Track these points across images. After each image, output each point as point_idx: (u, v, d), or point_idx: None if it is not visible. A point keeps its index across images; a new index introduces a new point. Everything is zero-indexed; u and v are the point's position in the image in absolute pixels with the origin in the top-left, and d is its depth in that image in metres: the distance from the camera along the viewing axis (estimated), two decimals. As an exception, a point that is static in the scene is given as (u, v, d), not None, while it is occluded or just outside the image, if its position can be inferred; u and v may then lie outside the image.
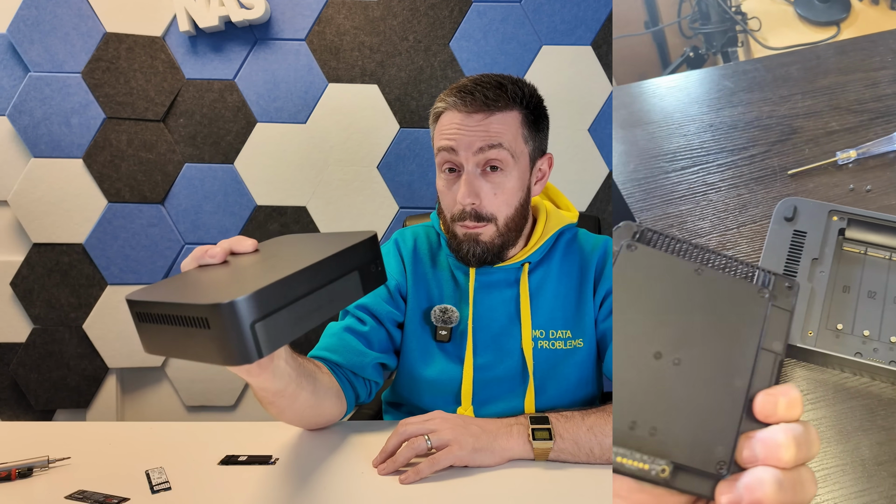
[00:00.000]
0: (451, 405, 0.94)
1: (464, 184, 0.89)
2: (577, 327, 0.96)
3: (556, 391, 0.95)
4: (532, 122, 0.93)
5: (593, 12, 1.81)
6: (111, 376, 1.83)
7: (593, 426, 0.79)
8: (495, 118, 0.89)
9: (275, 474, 0.75)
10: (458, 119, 0.90)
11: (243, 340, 0.47)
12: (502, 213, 0.92)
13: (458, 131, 0.89)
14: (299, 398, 0.78)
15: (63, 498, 0.68)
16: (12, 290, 1.78)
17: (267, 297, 0.48)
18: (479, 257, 0.93)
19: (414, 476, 0.72)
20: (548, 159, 0.99)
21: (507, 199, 0.91)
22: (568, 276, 0.99)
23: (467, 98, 0.89)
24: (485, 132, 0.89)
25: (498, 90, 0.90)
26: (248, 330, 0.46)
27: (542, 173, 0.98)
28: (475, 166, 0.90)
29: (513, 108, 0.91)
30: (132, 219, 1.79)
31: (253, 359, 0.47)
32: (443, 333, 0.96)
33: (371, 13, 1.80)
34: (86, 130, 1.76)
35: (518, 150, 0.91)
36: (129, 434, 0.90)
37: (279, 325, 0.49)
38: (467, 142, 0.89)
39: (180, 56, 1.78)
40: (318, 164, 1.82)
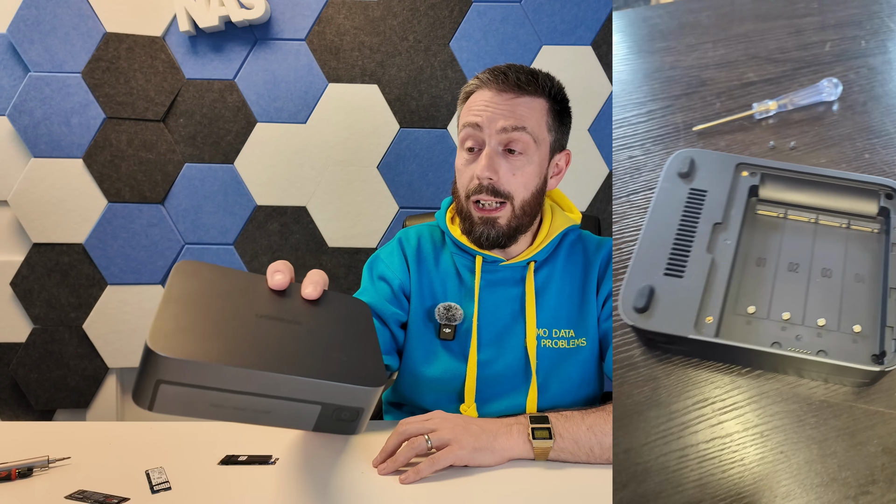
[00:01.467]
0: (453, 403, 0.95)
1: (484, 157, 0.90)
2: (580, 327, 0.97)
3: (558, 390, 0.95)
4: (557, 113, 0.95)
5: (593, 12, 1.81)
6: (111, 376, 1.83)
7: (593, 425, 0.79)
8: (523, 101, 0.91)
9: (275, 474, 0.75)
10: (488, 97, 0.91)
11: (142, 387, 0.46)
12: (519, 194, 0.92)
13: (486, 108, 0.91)
14: None
15: (63, 498, 0.68)
16: (12, 290, 1.78)
17: (191, 371, 0.46)
18: (493, 241, 0.93)
19: (414, 476, 0.72)
20: (566, 156, 1.00)
21: (525, 181, 0.92)
22: (572, 275, 0.99)
23: (500, 77, 0.91)
24: (511, 112, 0.90)
25: (530, 76, 0.92)
26: (151, 382, 0.46)
27: (558, 168, 0.99)
28: (497, 144, 0.91)
29: (541, 95, 0.93)
30: (132, 219, 1.79)
31: (143, 406, 0.47)
32: (447, 331, 0.96)
33: (371, 13, 1.80)
34: (86, 130, 1.76)
35: (541, 137, 0.92)
36: (129, 434, 0.90)
37: (187, 397, 0.47)
38: (493, 118, 0.90)
39: (180, 56, 1.78)
40: (318, 164, 1.82)
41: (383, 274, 1.00)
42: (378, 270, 1.01)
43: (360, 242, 1.83)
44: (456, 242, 0.99)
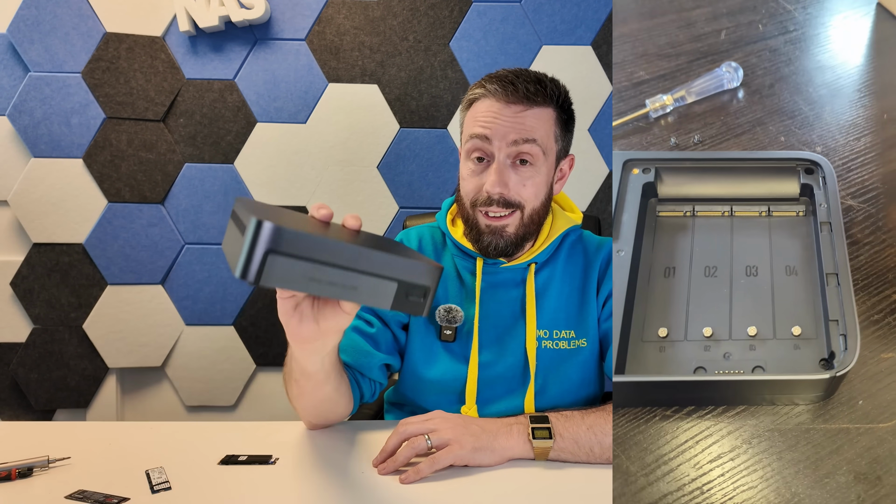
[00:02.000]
0: (454, 405, 0.95)
1: (494, 172, 0.89)
2: (580, 327, 0.96)
3: (558, 390, 0.95)
4: (564, 122, 0.95)
5: (593, 12, 1.81)
6: (111, 376, 1.83)
7: (593, 425, 0.79)
8: (532, 112, 0.90)
9: (275, 474, 0.75)
10: (496, 108, 0.89)
11: (251, 259, 0.49)
12: (530, 203, 0.92)
13: (495, 120, 0.89)
14: (323, 388, 0.80)
15: (63, 498, 0.68)
16: (12, 290, 1.78)
17: (297, 241, 0.50)
18: (500, 250, 0.93)
19: (414, 476, 0.72)
20: (569, 160, 1.00)
21: (535, 191, 0.92)
22: (572, 276, 0.99)
23: (509, 88, 0.89)
24: (521, 125, 0.89)
25: (538, 85, 0.90)
26: (260, 253, 0.48)
27: (562, 173, 0.99)
28: (506, 157, 0.90)
29: (549, 104, 0.92)
30: (132, 219, 1.79)
31: (249, 279, 0.49)
32: (447, 333, 0.96)
33: (371, 13, 1.80)
34: (86, 130, 1.76)
35: (549, 148, 0.92)
36: (129, 434, 0.90)
37: (290, 269, 0.50)
38: (503, 132, 0.89)
39: (180, 56, 1.77)
40: (318, 164, 1.82)
41: (384, 274, 1.00)
42: (379, 271, 1.01)
43: (360, 242, 1.83)
44: (457, 244, 0.99)
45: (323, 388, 0.80)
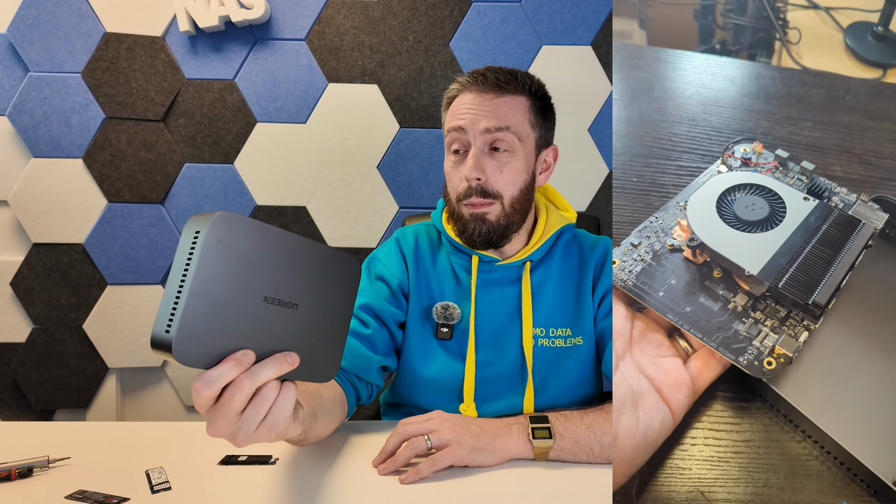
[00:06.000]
0: (452, 403, 0.95)
1: (470, 158, 0.92)
2: (576, 325, 0.97)
3: (556, 389, 0.95)
4: (539, 110, 0.97)
5: (593, 12, 1.81)
6: (111, 376, 1.83)
7: (592, 425, 0.79)
8: (504, 100, 0.93)
9: (275, 474, 0.75)
10: (469, 99, 0.93)
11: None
12: (508, 191, 0.93)
13: (469, 110, 0.92)
14: (316, 428, 0.77)
15: (63, 498, 0.68)
16: (12, 290, 1.78)
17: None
18: (484, 237, 0.93)
19: (414, 476, 0.72)
20: (553, 151, 1.01)
21: (512, 178, 0.93)
22: (567, 274, 0.99)
23: (479, 79, 0.94)
24: (493, 113, 0.92)
25: (509, 75, 0.94)
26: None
27: (546, 164, 1.00)
28: (483, 144, 0.92)
29: (521, 93, 0.95)
30: (132, 219, 1.79)
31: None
32: (444, 331, 0.96)
33: (371, 13, 1.80)
34: (86, 130, 1.76)
35: (524, 134, 0.94)
36: (129, 434, 0.90)
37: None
38: (476, 119, 0.92)
39: (180, 56, 1.78)
40: (318, 164, 1.82)
41: (381, 274, 1.00)
42: (376, 270, 1.01)
43: (360, 242, 1.83)
44: (452, 242, 0.99)
45: (317, 424, 0.77)
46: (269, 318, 0.55)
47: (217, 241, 0.51)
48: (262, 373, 0.53)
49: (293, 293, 0.57)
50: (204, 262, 0.50)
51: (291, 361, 0.55)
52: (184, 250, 0.51)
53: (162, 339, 0.49)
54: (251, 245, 0.54)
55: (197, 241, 0.51)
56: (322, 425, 0.80)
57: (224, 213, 0.51)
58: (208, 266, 0.51)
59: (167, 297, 0.50)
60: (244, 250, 0.53)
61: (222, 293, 0.52)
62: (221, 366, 0.52)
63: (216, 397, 0.53)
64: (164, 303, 0.50)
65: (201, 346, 0.51)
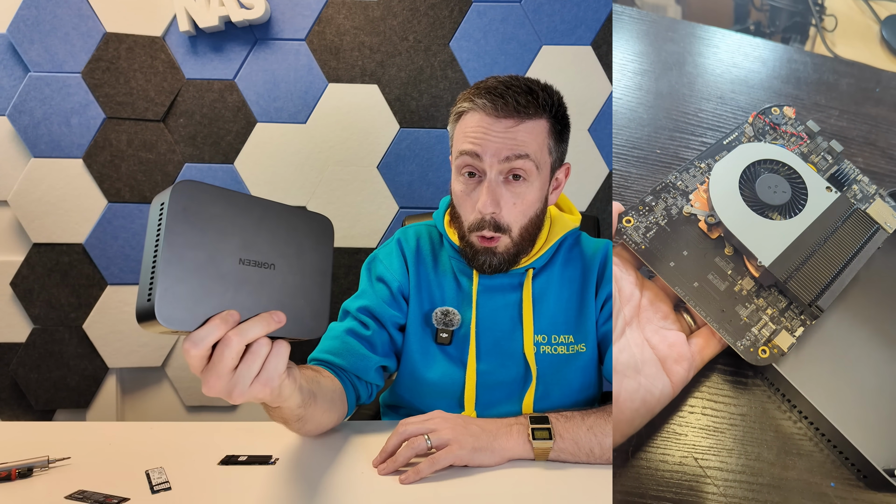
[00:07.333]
0: (453, 408, 0.94)
1: (485, 192, 0.87)
2: (579, 332, 0.96)
3: (559, 396, 0.95)
4: (558, 133, 0.91)
5: (593, 12, 1.81)
6: (111, 376, 1.83)
7: (593, 426, 0.79)
8: (524, 126, 0.86)
9: (275, 474, 0.75)
10: (486, 123, 0.86)
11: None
12: (518, 223, 0.90)
13: (485, 136, 0.86)
14: (316, 410, 0.78)
15: (63, 498, 0.68)
16: (12, 290, 1.78)
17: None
18: (494, 268, 0.92)
19: (414, 476, 0.72)
20: (565, 169, 0.97)
21: (525, 209, 0.89)
22: (570, 280, 0.98)
23: (498, 102, 0.85)
24: (512, 140, 0.85)
25: (529, 96, 0.86)
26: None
27: (557, 182, 0.96)
28: (498, 174, 0.87)
29: (542, 116, 0.88)
30: (132, 219, 1.79)
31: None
32: (444, 336, 0.96)
33: (371, 13, 1.80)
34: (86, 130, 1.76)
35: (542, 161, 0.89)
36: (129, 434, 0.90)
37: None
38: (494, 149, 0.85)
39: (180, 56, 1.78)
40: (318, 164, 1.82)
41: (382, 275, 1.00)
42: (377, 271, 1.01)
43: (360, 242, 1.83)
44: (453, 246, 0.98)
45: (316, 410, 0.78)
46: (248, 279, 0.57)
47: (182, 209, 0.52)
48: (251, 329, 0.55)
49: (268, 253, 0.59)
50: (172, 230, 0.52)
51: (278, 319, 0.57)
52: (153, 224, 0.53)
53: (144, 308, 0.51)
54: (218, 210, 0.55)
55: (163, 211, 0.52)
56: (322, 411, 0.80)
57: (186, 181, 0.53)
58: (178, 233, 0.52)
59: (144, 271, 0.52)
60: (211, 215, 0.55)
61: (195, 257, 0.53)
62: (207, 325, 0.53)
63: (208, 357, 0.54)
64: (143, 277, 0.52)
65: (184, 308, 0.52)
